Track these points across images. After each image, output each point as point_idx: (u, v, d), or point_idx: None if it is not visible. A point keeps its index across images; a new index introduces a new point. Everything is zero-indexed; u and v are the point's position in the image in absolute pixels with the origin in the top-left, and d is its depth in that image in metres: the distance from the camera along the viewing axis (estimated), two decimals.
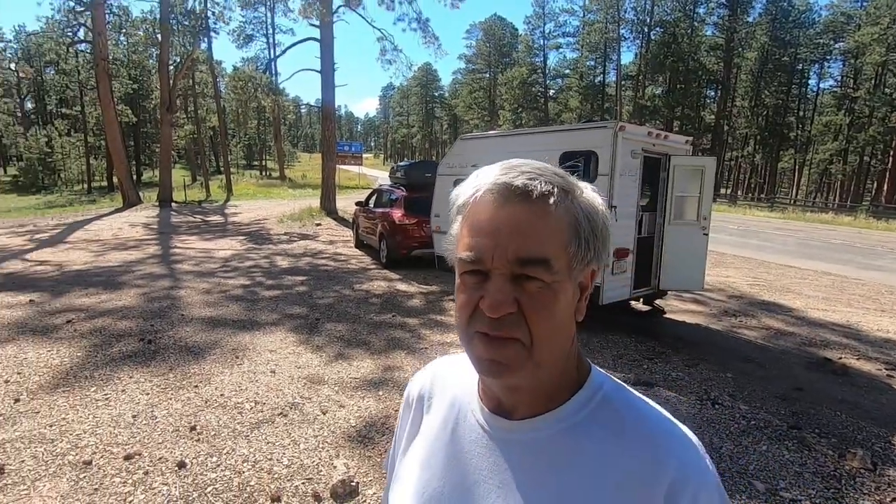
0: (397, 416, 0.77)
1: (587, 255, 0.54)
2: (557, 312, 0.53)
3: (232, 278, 7.88)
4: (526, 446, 0.58)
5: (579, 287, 0.56)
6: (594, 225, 0.55)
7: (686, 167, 5.58)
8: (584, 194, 0.56)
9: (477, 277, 0.53)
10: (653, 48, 43.08)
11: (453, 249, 0.56)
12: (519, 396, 0.59)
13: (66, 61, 37.77)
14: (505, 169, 0.54)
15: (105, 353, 4.58)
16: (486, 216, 0.52)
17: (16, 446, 3.03)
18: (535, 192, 0.52)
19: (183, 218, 17.22)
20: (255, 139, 59.55)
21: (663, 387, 4.09)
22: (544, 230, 0.52)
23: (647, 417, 0.58)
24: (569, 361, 0.59)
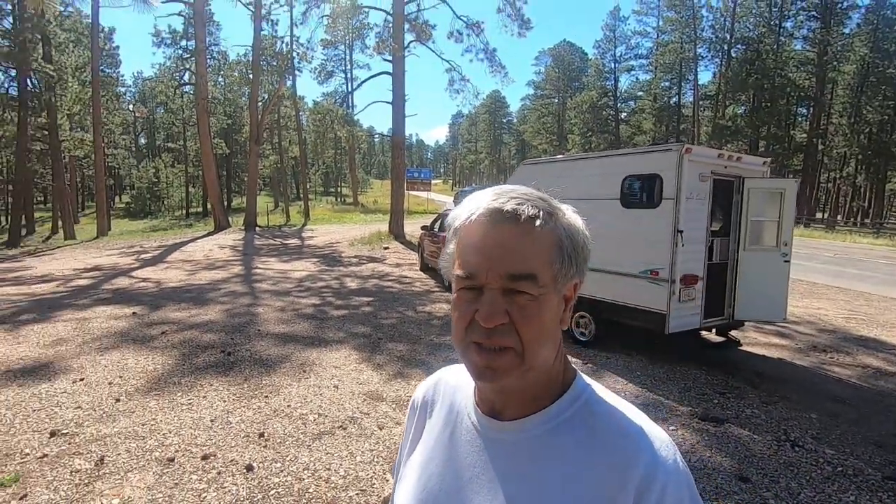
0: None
1: (570, 270, 0.61)
2: (544, 321, 0.59)
3: (305, 297, 8.38)
4: (513, 445, 0.64)
5: (563, 298, 0.62)
6: (576, 243, 0.61)
7: (763, 190, 5.26)
8: (566, 216, 0.62)
9: (472, 293, 0.59)
10: (734, 66, 40.91)
11: (450, 268, 0.63)
12: (508, 398, 0.65)
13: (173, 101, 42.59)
14: (496, 194, 0.61)
15: (191, 363, 5.05)
16: (479, 237, 0.59)
17: (114, 441, 3.42)
18: (523, 216, 0.58)
19: (265, 241, 18.55)
20: (332, 167, 63.17)
21: (735, 424, 3.81)
22: (531, 248, 0.58)
23: (622, 419, 0.63)
24: (555, 367, 0.64)
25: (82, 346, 5.55)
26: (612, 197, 5.29)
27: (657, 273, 4.87)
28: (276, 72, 25.44)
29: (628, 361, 5.22)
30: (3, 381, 4.48)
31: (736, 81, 39.62)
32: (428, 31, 17.65)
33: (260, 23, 22.13)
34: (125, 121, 52.28)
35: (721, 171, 5.10)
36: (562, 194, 0.66)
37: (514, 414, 0.64)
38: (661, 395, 4.37)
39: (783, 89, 39.00)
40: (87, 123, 29.46)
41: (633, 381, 4.67)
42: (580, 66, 62.03)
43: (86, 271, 11.52)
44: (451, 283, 0.64)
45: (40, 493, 2.81)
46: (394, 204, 17.67)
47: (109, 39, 45.65)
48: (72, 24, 29.57)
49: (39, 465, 3.09)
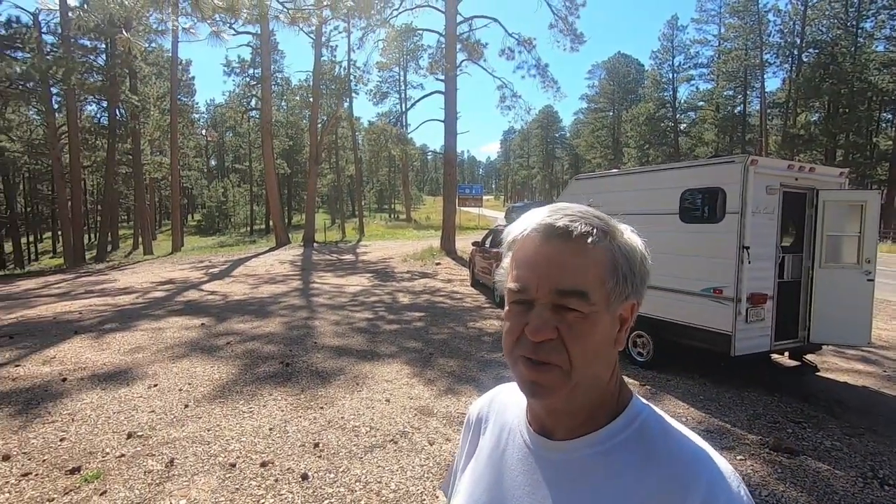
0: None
1: (625, 290, 0.60)
2: (594, 340, 0.59)
3: (358, 312, 8.59)
4: (564, 466, 0.63)
5: (619, 319, 0.62)
6: (632, 263, 0.61)
7: (841, 203, 4.89)
8: (623, 236, 0.62)
9: (523, 306, 0.61)
10: (805, 71, 38.45)
11: (504, 281, 0.64)
12: (558, 418, 0.65)
13: (240, 126, 45.57)
14: (551, 211, 0.62)
15: (253, 372, 5.30)
16: (531, 252, 0.60)
17: (182, 444, 3.64)
18: (575, 232, 0.59)
19: (321, 256, 19.24)
20: (386, 185, 64.88)
21: (813, 456, 3.51)
22: (582, 265, 0.59)
23: (681, 444, 0.61)
24: (608, 388, 0.64)
25: (157, 353, 5.96)
26: (670, 212, 5.10)
27: (721, 291, 4.61)
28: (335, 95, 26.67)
29: (690, 385, 4.94)
30: (89, 384, 4.90)
31: (808, 87, 37.17)
32: (479, 49, 17.91)
33: (320, 49, 23.35)
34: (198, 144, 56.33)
35: (791, 184, 4.79)
36: (617, 209, 0.67)
37: (566, 434, 0.64)
38: (727, 421, 4.10)
39: (863, 94, 36.14)
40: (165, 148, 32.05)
41: (696, 406, 4.42)
42: (636, 77, 60.56)
43: (161, 284, 12.42)
44: (503, 297, 0.66)
45: (118, 490, 3.03)
46: (445, 220, 17.86)
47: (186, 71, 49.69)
48: (154, 59, 32.46)
49: (118, 464, 3.34)
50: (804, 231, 5.01)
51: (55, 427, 3.93)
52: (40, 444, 3.63)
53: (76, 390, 4.73)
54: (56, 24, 21.34)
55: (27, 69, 17.93)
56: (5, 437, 3.75)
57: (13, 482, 3.11)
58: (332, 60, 27.80)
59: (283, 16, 8.88)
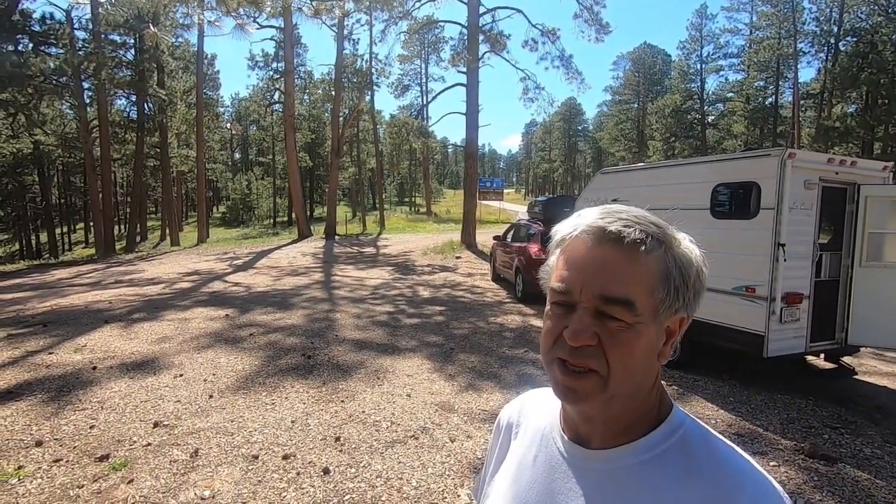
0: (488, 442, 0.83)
1: (675, 303, 0.58)
2: (636, 352, 0.57)
3: (379, 305, 8.61)
4: (600, 475, 0.61)
5: (666, 332, 0.59)
6: (686, 276, 0.58)
7: (884, 198, 4.65)
8: (680, 246, 0.59)
9: (564, 308, 0.59)
10: (842, 61, 36.90)
11: (547, 279, 0.62)
12: (593, 426, 0.63)
13: (264, 119, 46.11)
14: (604, 213, 0.59)
15: (275, 364, 5.34)
16: (579, 254, 0.58)
17: (207, 435, 3.68)
18: (627, 238, 0.56)
19: (343, 249, 19.38)
20: (407, 178, 65.00)
21: (851, 464, 3.35)
22: (630, 274, 0.56)
23: (723, 457, 0.58)
24: (648, 399, 0.62)
25: (182, 344, 6.07)
26: (700, 206, 4.93)
27: (753, 290, 4.44)
28: (357, 88, 26.71)
29: (720, 386, 4.79)
30: (118, 373, 5.01)
31: (845, 77, 35.69)
32: (502, 41, 17.68)
33: (342, 42, 23.40)
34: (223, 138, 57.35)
35: (831, 178, 4.57)
36: (644, 204, 0.62)
37: (601, 443, 0.62)
38: (758, 425, 3.95)
39: None
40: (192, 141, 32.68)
41: (726, 408, 4.28)
42: (662, 68, 59.06)
43: (187, 275, 12.68)
44: (525, 293, 0.61)
45: (144, 478, 3.08)
46: (466, 213, 17.77)
47: (212, 65, 50.44)
48: (181, 53, 33.04)
49: (144, 453, 3.40)
50: (843, 228, 4.78)
51: (85, 414, 4.03)
52: (71, 431, 3.72)
53: (105, 378, 4.84)
54: (87, 20, 21.88)
55: (60, 64, 18.43)
56: (39, 423, 3.86)
57: (45, 468, 3.19)
58: (354, 54, 27.82)
59: (306, 8, 8.90)
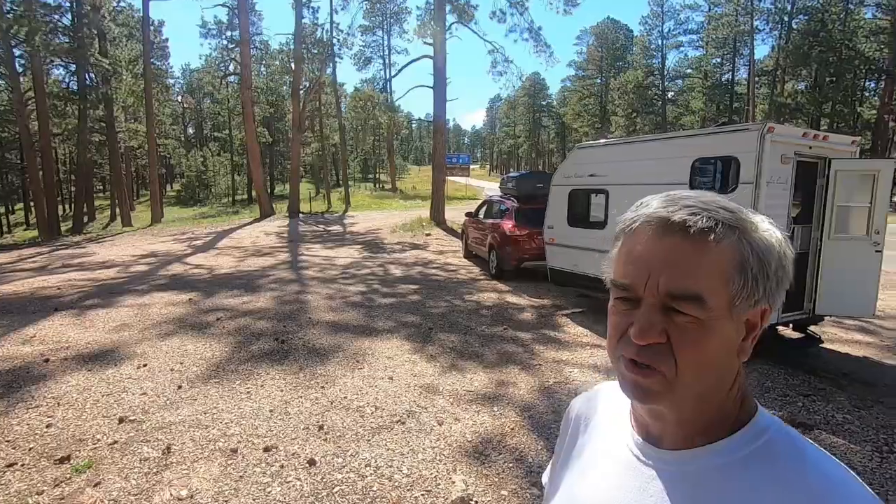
0: (558, 432, 0.80)
1: (754, 294, 0.53)
2: (709, 349, 0.53)
3: (351, 285, 8.39)
4: (673, 477, 0.57)
5: (745, 325, 0.55)
6: (765, 263, 0.53)
7: (852, 172, 4.77)
8: (757, 231, 0.54)
9: (629, 304, 0.55)
10: (795, 39, 38.14)
11: (610, 272, 0.58)
12: (664, 425, 0.59)
13: (219, 92, 43.75)
14: (667, 201, 0.55)
15: (247, 350, 5.10)
16: (641, 246, 0.55)
17: (179, 429, 3.46)
18: (694, 228, 0.52)
19: (308, 228, 18.85)
20: (371, 154, 63.62)
21: (826, 430, 3.48)
22: (700, 266, 0.52)
23: (811, 465, 0.53)
24: (727, 399, 0.57)
25: (144, 331, 5.71)
26: (679, 182, 4.93)
27: None
28: (317, 59, 25.59)
29: None
30: (74, 365, 4.65)
31: (797, 55, 36.97)
32: (470, 11, 17.21)
33: (301, 10, 22.24)
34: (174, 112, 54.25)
35: (805, 153, 4.65)
36: (621, 180, 0.51)
37: (673, 443, 0.59)
38: None
39: (851, 62, 36.12)
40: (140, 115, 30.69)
41: None
42: (625, 44, 59.45)
43: (143, 257, 12.01)
44: (501, 269, 0.49)
45: (112, 480, 2.85)
46: (435, 190, 17.55)
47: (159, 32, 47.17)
48: (124, 19, 30.68)
49: (110, 452, 3.15)
50: (814, 202, 4.90)
51: (40, 412, 3.71)
52: (25, 432, 3.42)
53: (60, 372, 4.49)
54: None
55: None
56: None
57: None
58: (314, 23, 26.56)
59: None
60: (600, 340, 5.51)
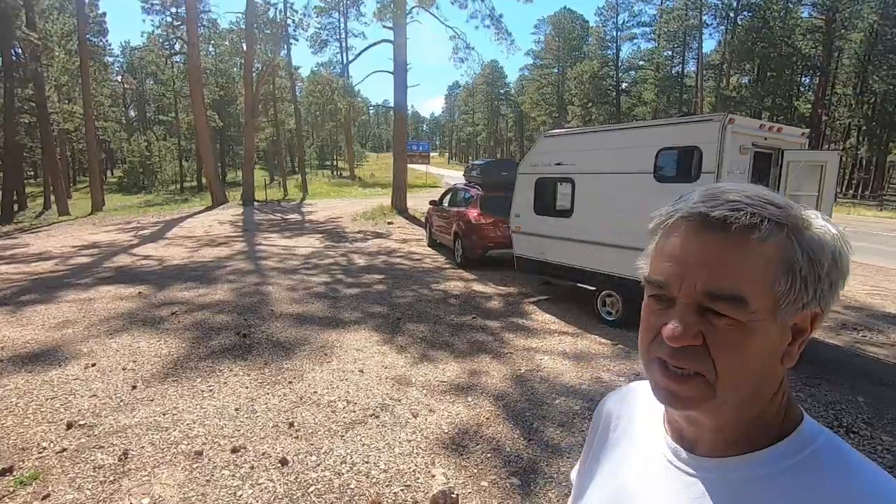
0: (588, 429, 0.78)
1: (803, 296, 0.49)
2: (751, 354, 0.49)
3: (314, 275, 8.16)
4: (710, 486, 0.54)
5: (792, 330, 0.51)
6: (817, 263, 0.49)
7: (802, 163, 5.02)
8: (812, 228, 0.50)
9: (663, 303, 0.53)
10: (739, 34, 39.93)
11: (644, 269, 0.56)
12: (700, 431, 0.56)
13: (163, 72, 41.27)
14: (706, 196, 0.51)
15: (206, 346, 4.85)
16: (676, 244, 0.51)
17: (136, 432, 3.24)
18: (735, 225, 0.48)
19: (264, 216, 18.20)
20: (328, 140, 62.07)
21: None
22: (741, 265, 0.49)
23: (862, 479, 0.50)
24: (770, 407, 0.54)
25: (90, 328, 5.33)
26: (644, 171, 5.03)
27: None
28: (271, 40, 24.53)
29: None
30: (11, 367, 4.27)
31: (741, 50, 38.75)
32: None
33: None
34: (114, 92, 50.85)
35: (761, 144, 4.84)
36: (588, 169, 0.47)
37: (710, 450, 0.56)
38: None
39: (789, 58, 38.21)
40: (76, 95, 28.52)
41: None
42: (581, 34, 60.42)
43: (84, 248, 11.22)
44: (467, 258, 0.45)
45: (64, 491, 2.63)
46: (396, 178, 17.31)
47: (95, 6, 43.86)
48: None
49: (59, 461, 2.91)
50: None
51: None
52: None
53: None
54: None
55: None
56: None
57: None
58: (267, 2, 25.36)
59: None
60: (568, 327, 5.60)
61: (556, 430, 3.36)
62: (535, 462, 2.98)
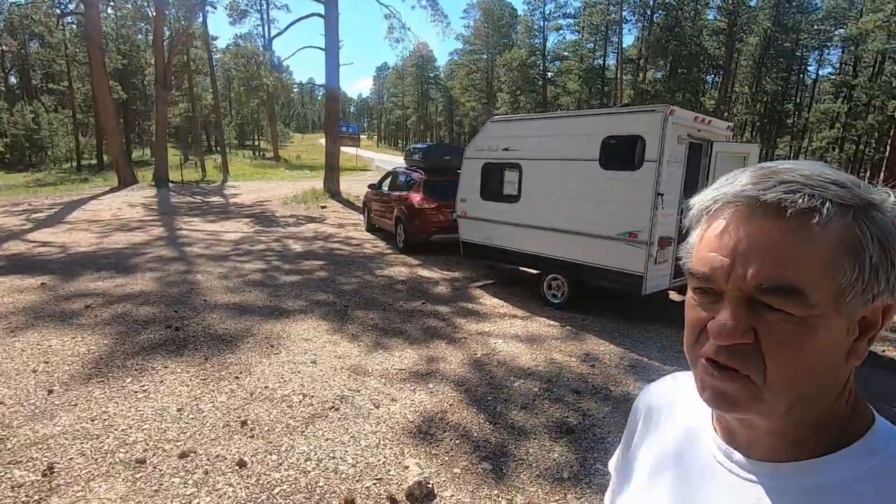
0: (626, 422, 0.74)
1: (873, 286, 0.44)
2: (810, 352, 0.44)
3: (247, 262, 7.66)
4: (772, 492, 0.50)
5: (860, 324, 0.46)
6: (890, 249, 0.44)
7: (728, 154, 5.43)
8: (881, 209, 0.44)
9: (709, 296, 0.48)
10: (655, 31, 42.53)
11: (688, 260, 0.51)
12: (755, 434, 0.52)
13: (52, 34, 36.36)
14: (758, 177, 0.46)
15: (133, 342, 4.39)
16: (723, 232, 0.46)
17: (59, 442, 2.86)
18: (791, 209, 0.43)
19: (182, 199, 16.84)
20: (248, 119, 58.31)
21: None
22: (798, 254, 0.43)
23: None
24: (835, 408, 0.49)
25: None
26: (590, 158, 5.20)
27: (636, 236, 4.90)
28: (184, 6, 22.37)
29: (604, 322, 5.31)
30: None
31: (656, 47, 41.32)
32: None
33: None
34: None
35: (695, 135, 5.16)
36: (536, 155, 0.44)
37: (765, 454, 0.51)
38: (643, 355, 4.49)
39: (697, 57, 41.34)
40: None
41: (614, 342, 4.76)
42: (510, 22, 61.26)
43: None
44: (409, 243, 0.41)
45: None
46: (329, 160, 16.66)
47: None
48: None
49: None
50: (699, 179, 5.50)
51: None
52: None
53: None
54: None
55: None
56: None
57: None
58: None
59: None
60: (516, 311, 5.72)
61: (520, 412, 3.41)
62: (504, 445, 3.01)
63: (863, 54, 37.89)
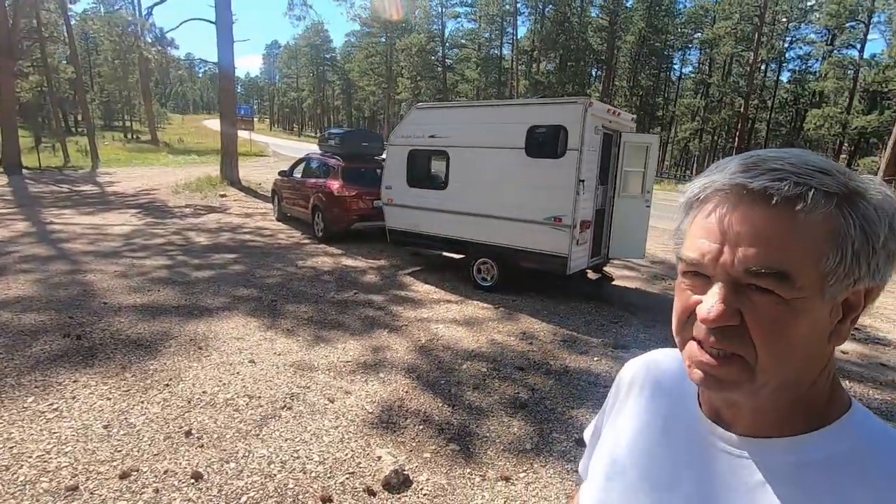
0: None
1: (855, 270, 0.45)
2: (795, 334, 0.46)
3: (147, 258, 6.89)
4: (759, 466, 0.52)
5: (843, 307, 0.48)
6: (872, 235, 0.45)
7: (633, 144, 5.98)
8: (864, 197, 0.46)
9: (698, 279, 0.50)
10: (547, 25, 44.85)
11: (679, 245, 0.53)
12: (738, 412, 0.54)
13: None
14: (745, 164, 0.47)
15: (24, 355, 3.78)
16: (712, 218, 0.48)
17: None
18: (777, 196, 0.44)
19: (44, 187, 14.55)
20: (118, 96, 51.50)
21: (637, 348, 4.46)
22: (784, 240, 0.45)
23: None
24: (814, 389, 0.51)
25: None
26: (516, 146, 5.43)
27: (560, 220, 5.24)
28: None
29: (533, 302, 5.64)
30: None
31: (548, 40, 43.63)
32: None
33: None
34: None
35: (607, 126, 5.61)
36: (463, 143, 0.56)
37: (748, 430, 0.53)
38: (572, 330, 4.85)
39: (584, 51, 44.40)
40: None
41: (544, 320, 5.08)
42: (409, 5, 60.62)
43: None
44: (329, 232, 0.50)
45: None
46: (226, 144, 15.38)
47: None
48: None
49: None
50: (609, 167, 6.00)
51: None
52: None
53: None
54: None
55: None
56: None
57: None
58: None
59: None
60: (449, 296, 5.84)
61: (474, 392, 3.54)
62: (466, 425, 3.11)
63: (716, 56, 43.44)
